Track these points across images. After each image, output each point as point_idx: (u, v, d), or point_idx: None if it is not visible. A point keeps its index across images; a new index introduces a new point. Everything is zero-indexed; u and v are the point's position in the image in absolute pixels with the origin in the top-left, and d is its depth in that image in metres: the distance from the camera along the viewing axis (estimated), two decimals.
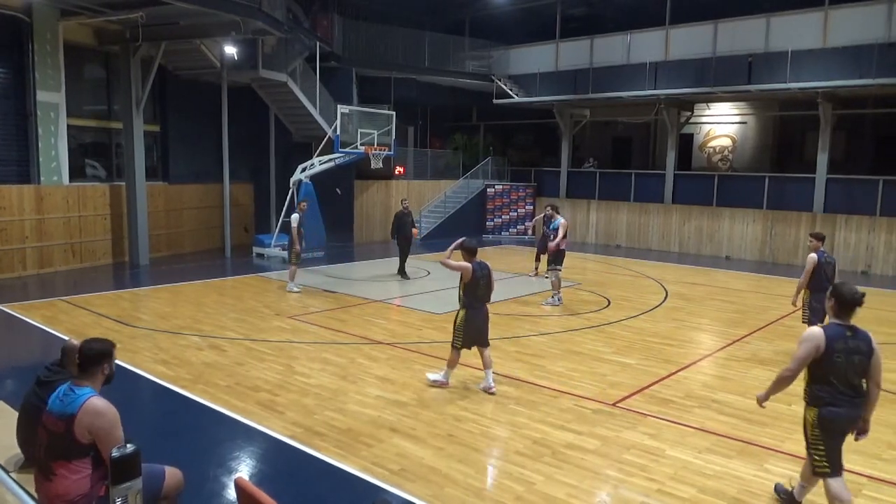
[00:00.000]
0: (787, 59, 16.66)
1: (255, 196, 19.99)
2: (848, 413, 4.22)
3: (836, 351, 4.13)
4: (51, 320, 9.65)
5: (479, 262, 7.07)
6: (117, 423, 3.55)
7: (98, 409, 3.52)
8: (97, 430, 3.49)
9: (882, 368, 4.28)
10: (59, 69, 13.59)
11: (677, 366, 8.09)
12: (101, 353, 3.69)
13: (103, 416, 3.52)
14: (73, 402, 3.52)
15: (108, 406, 3.56)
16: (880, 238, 16.51)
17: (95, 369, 3.66)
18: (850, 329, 4.20)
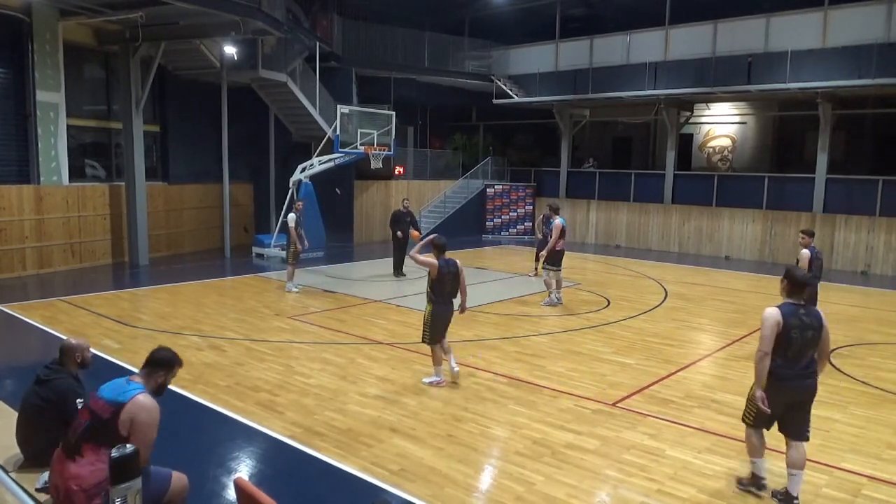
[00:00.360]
0: (787, 59, 16.66)
1: (254, 196, 19.99)
2: (796, 385, 4.59)
3: (793, 327, 4.53)
4: (50, 320, 9.65)
5: (448, 260, 7.12)
6: (156, 426, 3.65)
7: (146, 405, 3.63)
8: (138, 423, 3.57)
9: (829, 342, 4.76)
10: (59, 69, 13.58)
11: (677, 366, 8.09)
12: (165, 360, 3.84)
13: (149, 412, 3.62)
14: (126, 393, 3.63)
15: (155, 406, 3.66)
16: (880, 238, 16.51)
17: (155, 374, 3.81)
18: (803, 307, 4.64)
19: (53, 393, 4.26)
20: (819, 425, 6.24)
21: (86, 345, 4.57)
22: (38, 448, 4.20)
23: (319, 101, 18.41)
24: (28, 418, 4.26)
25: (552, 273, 11.52)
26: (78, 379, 4.44)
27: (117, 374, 6.65)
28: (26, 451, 4.25)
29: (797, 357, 4.55)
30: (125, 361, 7.77)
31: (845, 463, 5.45)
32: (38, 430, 4.21)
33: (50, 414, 4.23)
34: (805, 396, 4.64)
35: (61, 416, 4.24)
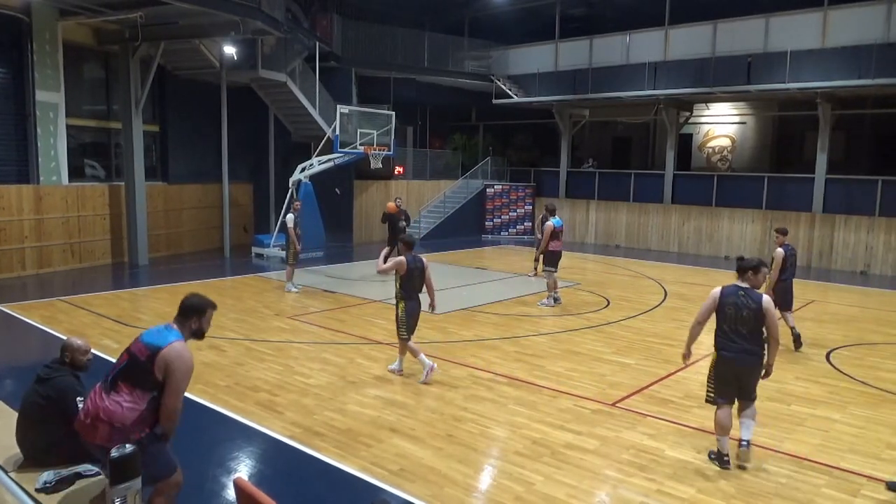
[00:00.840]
0: (787, 59, 16.67)
1: (254, 196, 19.98)
2: (736, 357, 5.29)
3: (727, 304, 5.31)
4: (50, 320, 9.64)
5: (414, 256, 7.33)
6: (190, 375, 3.74)
7: (182, 353, 3.72)
8: (172, 371, 3.66)
9: (777, 324, 5.31)
10: (59, 69, 13.58)
11: (676, 366, 8.09)
12: (194, 307, 3.89)
13: (184, 360, 3.71)
14: (165, 338, 3.72)
15: (189, 355, 3.75)
16: (879, 238, 16.52)
17: (187, 321, 3.88)
18: (744, 290, 5.33)
19: (54, 391, 4.26)
20: (818, 425, 6.26)
21: (86, 348, 4.56)
22: (38, 447, 4.20)
23: (319, 101, 18.41)
24: (28, 417, 4.26)
25: (550, 274, 11.50)
26: (78, 377, 4.44)
27: None
28: (26, 451, 4.25)
29: (733, 331, 5.28)
30: None
31: (845, 463, 5.45)
32: (39, 429, 4.21)
33: (50, 412, 4.22)
34: (743, 371, 5.33)
35: (62, 414, 4.23)
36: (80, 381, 4.44)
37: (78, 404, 4.25)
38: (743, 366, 5.30)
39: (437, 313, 10.63)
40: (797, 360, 8.49)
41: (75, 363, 4.47)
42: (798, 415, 6.54)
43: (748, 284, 5.38)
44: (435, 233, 21.28)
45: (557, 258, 11.50)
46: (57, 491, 3.91)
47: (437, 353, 8.42)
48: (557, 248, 11.47)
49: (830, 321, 10.95)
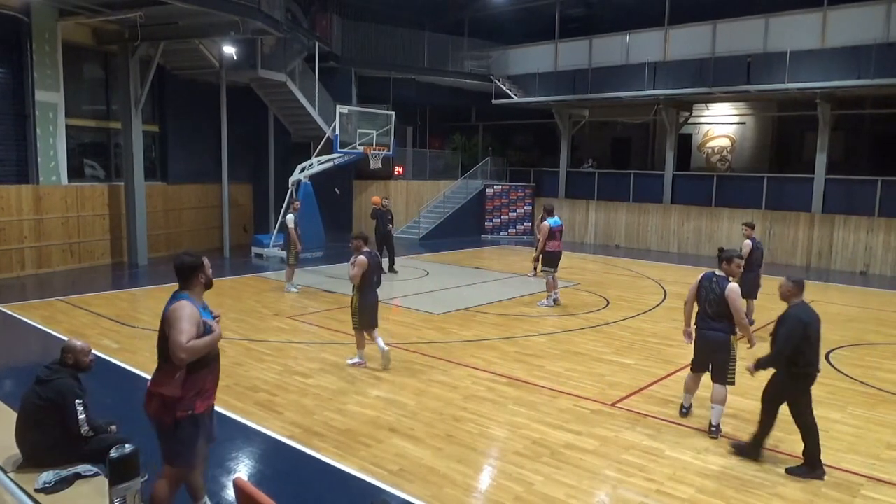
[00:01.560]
0: (786, 59, 16.67)
1: (253, 196, 19.97)
2: (703, 333, 6.08)
3: (702, 288, 6.10)
4: (49, 320, 9.64)
5: (370, 252, 7.68)
6: (187, 318, 3.71)
7: (174, 306, 3.78)
8: (170, 322, 3.72)
9: (738, 311, 5.91)
10: (58, 69, 13.57)
11: (676, 366, 8.09)
12: (192, 265, 3.93)
13: (179, 309, 3.75)
14: (169, 304, 3.83)
15: (184, 305, 3.77)
16: (878, 238, 16.52)
17: (192, 280, 3.93)
18: (717, 277, 6.04)
19: (53, 392, 4.26)
20: (818, 425, 6.25)
21: (87, 349, 4.57)
22: (37, 448, 4.20)
23: (319, 101, 18.41)
24: (27, 418, 4.26)
25: (549, 274, 11.49)
26: (78, 379, 4.44)
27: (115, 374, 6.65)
28: (25, 451, 4.25)
29: (703, 311, 6.07)
30: (124, 361, 7.78)
31: (844, 463, 5.45)
32: (37, 430, 4.21)
33: (49, 414, 4.22)
34: (706, 344, 6.07)
35: (60, 416, 4.23)
36: (81, 384, 4.43)
37: (77, 406, 4.25)
38: (706, 340, 6.04)
39: (437, 313, 10.68)
40: None
41: (79, 364, 4.49)
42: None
43: (723, 273, 6.05)
44: (434, 233, 21.28)
45: (556, 259, 11.47)
46: (56, 491, 3.92)
47: (437, 353, 8.42)
48: (556, 248, 11.42)
49: (830, 321, 10.93)
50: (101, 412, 4.75)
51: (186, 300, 3.84)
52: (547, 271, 11.44)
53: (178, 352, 3.67)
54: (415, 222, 21.80)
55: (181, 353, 3.66)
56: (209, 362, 3.91)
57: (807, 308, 5.32)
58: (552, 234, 11.27)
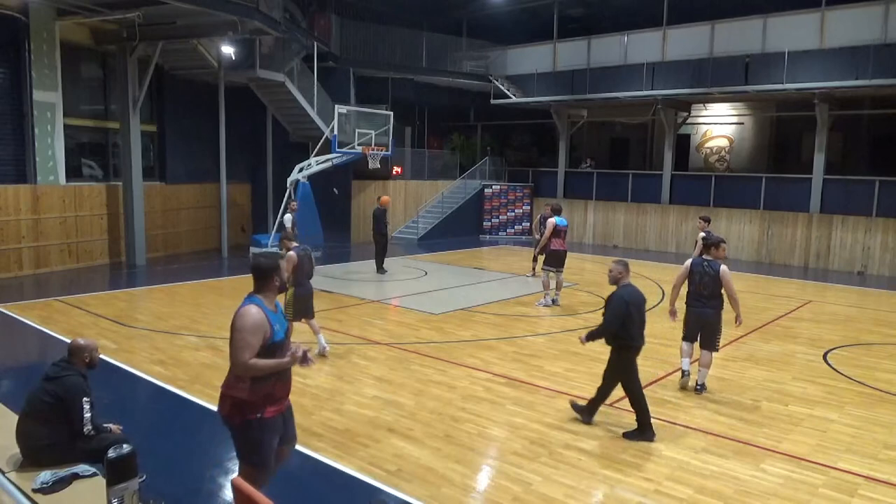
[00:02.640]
0: (784, 59, 16.69)
1: (252, 196, 19.96)
2: (698, 311, 6.99)
3: (695, 272, 6.97)
4: (47, 320, 9.62)
5: (300, 246, 8.11)
6: (248, 328, 3.67)
7: (241, 311, 3.76)
8: (234, 330, 3.70)
9: (731, 286, 6.83)
10: (56, 69, 13.55)
11: (674, 366, 8.09)
12: (267, 268, 3.89)
13: (241, 317, 3.72)
14: (240, 306, 3.82)
15: (253, 313, 3.72)
16: (876, 239, 16.54)
17: (266, 283, 3.89)
18: (707, 261, 6.95)
19: (62, 389, 4.27)
20: (816, 425, 6.27)
21: (94, 346, 4.60)
22: (39, 446, 4.19)
23: (317, 101, 18.40)
24: (33, 414, 4.25)
25: (552, 274, 11.46)
26: (86, 378, 4.45)
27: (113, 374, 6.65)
28: (25, 449, 4.24)
29: (697, 293, 6.94)
30: (122, 361, 7.77)
31: (842, 463, 5.46)
32: (42, 427, 4.21)
33: (56, 411, 4.23)
34: (703, 321, 6.96)
35: (66, 413, 4.24)
36: (88, 383, 4.45)
37: (84, 405, 4.26)
38: (702, 317, 6.96)
39: (436, 313, 10.67)
40: (795, 361, 8.51)
41: (93, 361, 4.56)
42: (796, 415, 6.55)
43: (711, 257, 7.00)
44: (433, 233, 21.27)
45: (561, 258, 11.43)
46: (54, 491, 3.91)
47: (435, 353, 8.42)
48: (560, 247, 11.39)
49: (828, 321, 10.96)
50: (99, 412, 4.74)
51: (256, 304, 3.79)
52: (548, 270, 11.42)
53: (235, 368, 3.66)
54: (413, 222, 21.79)
55: (238, 370, 3.66)
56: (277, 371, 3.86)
57: (632, 289, 6.01)
58: (557, 231, 11.25)
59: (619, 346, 5.95)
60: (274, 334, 3.78)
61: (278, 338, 3.82)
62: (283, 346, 3.89)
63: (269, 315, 3.81)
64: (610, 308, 5.93)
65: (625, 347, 5.93)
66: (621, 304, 5.85)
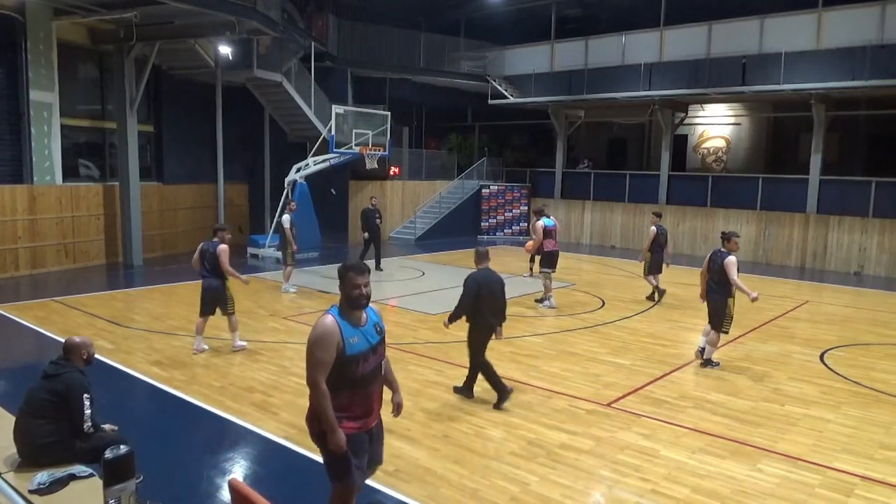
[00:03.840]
0: (781, 60, 16.72)
1: (249, 196, 19.94)
2: (709, 296, 8.12)
3: (711, 261, 8.05)
4: (43, 321, 9.60)
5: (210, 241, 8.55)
6: (318, 344, 3.52)
7: (315, 324, 3.61)
8: (307, 344, 3.55)
9: (732, 275, 7.83)
10: (53, 68, 13.52)
11: (671, 366, 8.11)
12: (339, 275, 3.70)
13: (314, 330, 3.57)
14: None
15: (324, 325, 3.56)
16: (873, 239, 16.58)
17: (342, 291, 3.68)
18: (720, 252, 7.94)
19: (63, 386, 4.27)
20: (812, 425, 6.29)
21: (90, 342, 4.63)
22: (38, 445, 4.18)
23: (314, 102, 18.39)
24: (33, 413, 4.24)
25: (552, 275, 11.50)
26: (84, 374, 4.46)
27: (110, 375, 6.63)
28: (24, 448, 4.22)
29: (710, 278, 8.08)
30: (119, 362, 7.76)
31: (838, 463, 5.47)
32: (42, 426, 4.20)
33: (56, 408, 4.23)
34: (711, 304, 8.06)
35: (67, 410, 4.24)
36: (88, 379, 4.45)
37: (85, 401, 4.27)
38: (710, 301, 8.05)
39: (433, 313, 10.67)
40: (791, 361, 8.53)
41: (90, 357, 4.58)
42: (792, 415, 6.56)
43: (726, 249, 7.91)
44: (431, 233, 21.27)
45: (555, 259, 11.50)
46: (51, 492, 3.90)
47: (433, 353, 8.42)
48: (553, 248, 11.45)
49: (824, 322, 10.99)
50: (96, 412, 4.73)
51: (330, 315, 3.61)
52: (546, 272, 11.44)
53: (309, 385, 3.55)
54: (411, 223, 21.79)
55: (310, 388, 3.56)
56: (351, 385, 3.62)
57: (486, 272, 6.55)
58: (548, 233, 11.31)
59: (472, 324, 6.58)
60: (347, 347, 3.55)
61: (353, 351, 3.57)
62: (364, 360, 3.64)
63: (347, 328, 3.58)
64: (464, 290, 6.51)
65: (477, 325, 6.54)
66: (473, 285, 6.44)
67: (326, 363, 3.50)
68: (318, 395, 3.52)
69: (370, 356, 3.68)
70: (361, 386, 3.67)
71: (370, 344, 3.68)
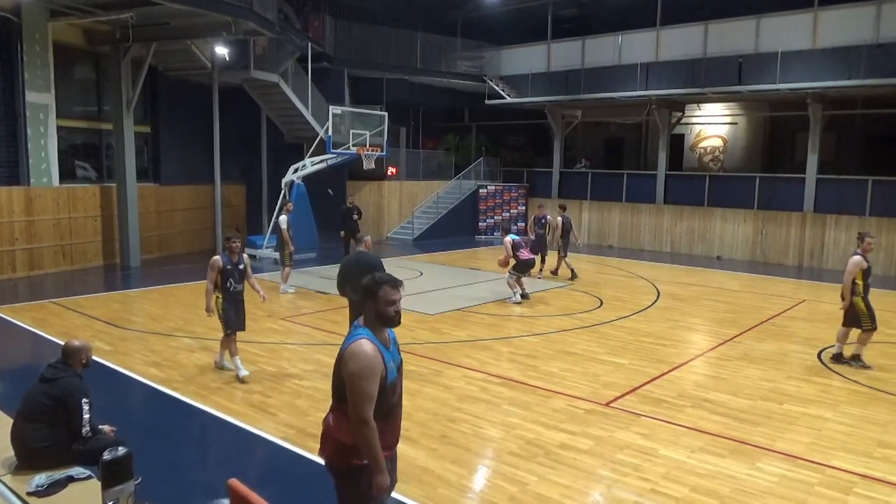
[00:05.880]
0: (777, 59, 16.75)
1: (246, 197, 19.91)
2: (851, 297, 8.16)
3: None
4: (41, 323, 9.58)
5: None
6: (366, 375, 3.11)
7: (355, 351, 3.15)
8: (347, 375, 3.13)
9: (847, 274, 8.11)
10: (49, 70, 13.49)
11: (670, 365, 8.12)
12: (366, 288, 3.32)
13: (356, 359, 3.12)
14: (347, 340, 3.25)
15: (366, 352, 3.14)
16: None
17: (367, 308, 3.31)
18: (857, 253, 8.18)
19: (61, 390, 4.25)
20: (811, 424, 6.29)
21: (89, 346, 4.61)
22: (36, 448, 4.16)
23: (311, 102, 18.37)
24: (30, 416, 4.23)
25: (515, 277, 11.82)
26: (82, 378, 4.44)
27: (107, 376, 6.62)
28: (21, 451, 4.21)
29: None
30: (117, 363, 7.74)
31: (837, 461, 5.48)
32: (40, 429, 4.18)
33: (54, 412, 4.21)
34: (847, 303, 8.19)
35: (65, 414, 4.23)
36: (85, 383, 4.43)
37: (83, 405, 4.25)
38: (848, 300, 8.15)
39: (431, 314, 10.67)
40: (790, 360, 8.54)
41: (88, 362, 4.56)
42: (791, 414, 6.57)
43: (860, 249, 8.14)
44: (428, 233, 21.27)
45: (529, 265, 11.98)
46: (49, 494, 3.89)
47: (431, 353, 8.42)
48: (527, 257, 11.92)
49: (822, 320, 11.00)
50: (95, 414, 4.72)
51: (367, 340, 3.20)
52: (515, 275, 11.80)
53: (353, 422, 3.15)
54: (408, 223, 21.79)
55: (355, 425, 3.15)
56: (385, 415, 3.31)
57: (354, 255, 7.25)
58: (516, 245, 11.80)
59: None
60: (388, 373, 3.25)
61: (392, 377, 3.29)
62: (397, 386, 3.37)
63: (383, 351, 3.26)
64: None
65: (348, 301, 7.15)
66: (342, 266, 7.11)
67: (374, 396, 3.14)
68: (368, 432, 3.15)
69: (399, 379, 3.42)
70: (394, 413, 3.42)
71: (397, 365, 3.40)
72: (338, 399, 3.28)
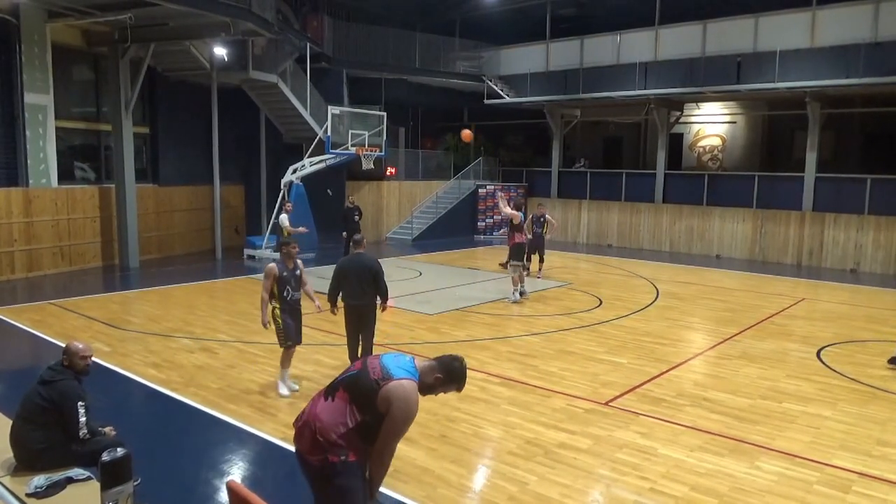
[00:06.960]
0: (776, 58, 16.77)
1: (245, 197, 19.91)
2: None
3: None
4: (39, 324, 9.57)
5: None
6: (409, 422, 3.44)
7: (409, 395, 3.38)
8: (392, 410, 3.34)
9: None
10: (47, 71, 13.48)
11: (669, 365, 8.12)
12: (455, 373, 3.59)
13: (407, 404, 3.38)
14: (401, 370, 3.43)
15: (415, 401, 3.41)
16: (868, 236, 16.63)
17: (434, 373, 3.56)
18: None
19: (57, 394, 4.24)
20: (810, 422, 6.30)
21: (90, 352, 4.57)
22: (33, 450, 4.16)
23: (310, 102, 18.37)
24: (28, 418, 4.22)
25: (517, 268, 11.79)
26: (80, 381, 4.43)
27: (106, 377, 6.62)
28: (19, 453, 4.21)
29: None
30: (115, 364, 7.74)
31: (836, 460, 5.48)
32: (37, 430, 4.18)
33: (50, 415, 4.21)
34: None
35: (61, 418, 4.22)
36: (83, 387, 4.42)
37: (79, 409, 4.24)
38: None
39: (430, 314, 10.67)
40: (789, 359, 8.54)
41: (74, 366, 4.47)
42: (790, 412, 6.58)
43: None
44: (427, 233, 21.27)
45: (523, 251, 11.91)
46: (48, 495, 3.88)
47: (431, 353, 8.40)
48: (522, 240, 11.89)
49: (821, 319, 11.01)
50: (93, 415, 4.72)
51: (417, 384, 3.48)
52: (515, 265, 11.73)
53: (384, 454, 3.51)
54: (407, 223, 21.79)
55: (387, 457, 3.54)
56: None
57: (351, 257, 7.30)
58: (518, 227, 11.95)
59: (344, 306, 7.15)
60: None
61: None
62: None
63: None
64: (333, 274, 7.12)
65: (345, 306, 7.14)
66: (336, 270, 7.13)
67: None
68: (390, 461, 3.63)
69: None
70: None
71: None
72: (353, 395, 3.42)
